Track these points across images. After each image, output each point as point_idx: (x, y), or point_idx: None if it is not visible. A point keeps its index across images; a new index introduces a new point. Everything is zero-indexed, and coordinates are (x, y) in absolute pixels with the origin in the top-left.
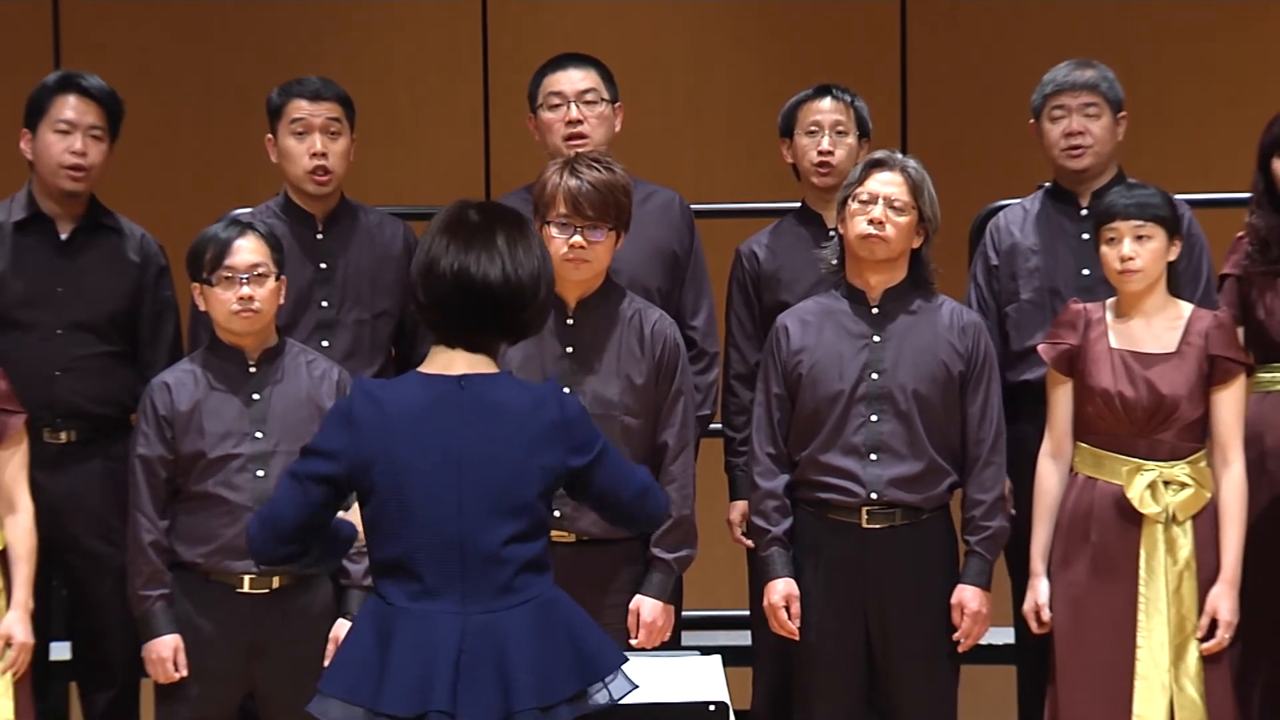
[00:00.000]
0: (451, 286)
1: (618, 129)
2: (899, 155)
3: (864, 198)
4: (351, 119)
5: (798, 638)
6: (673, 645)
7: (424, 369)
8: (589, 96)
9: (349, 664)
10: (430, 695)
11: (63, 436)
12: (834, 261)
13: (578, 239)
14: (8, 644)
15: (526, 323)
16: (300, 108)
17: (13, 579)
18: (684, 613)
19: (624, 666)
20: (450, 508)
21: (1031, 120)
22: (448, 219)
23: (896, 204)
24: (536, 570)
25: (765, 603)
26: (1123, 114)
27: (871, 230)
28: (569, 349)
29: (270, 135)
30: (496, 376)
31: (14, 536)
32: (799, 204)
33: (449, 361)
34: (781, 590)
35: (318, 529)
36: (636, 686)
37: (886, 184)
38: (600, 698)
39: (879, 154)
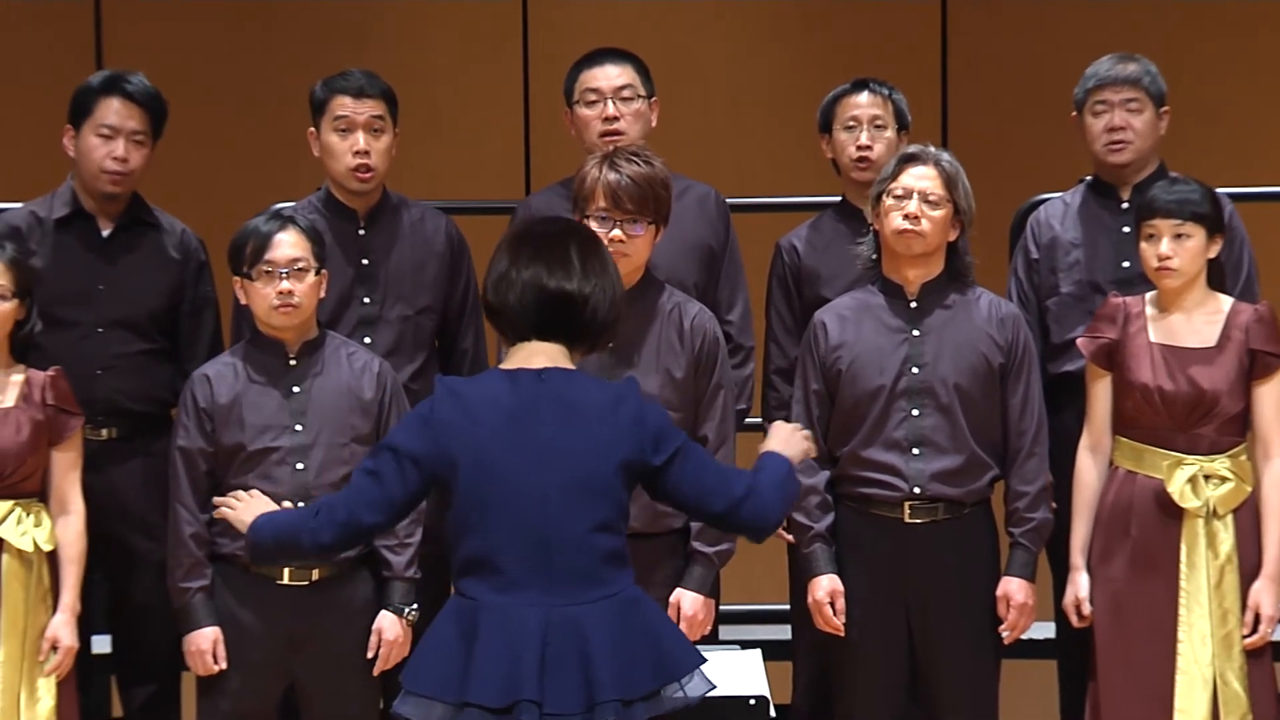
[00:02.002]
0: (522, 294)
1: (654, 124)
2: (932, 149)
3: (898, 193)
4: (395, 115)
5: (843, 634)
6: (711, 639)
7: (505, 365)
8: (625, 93)
9: (432, 661)
10: (519, 685)
11: (103, 434)
12: (872, 256)
13: (617, 233)
14: (54, 647)
15: (598, 333)
16: (344, 104)
17: (61, 581)
18: (724, 607)
19: (702, 667)
20: (533, 501)
21: (1074, 113)
22: (519, 231)
23: (931, 198)
24: (618, 564)
25: (809, 599)
26: (1165, 108)
27: (907, 225)
28: (608, 343)
29: (313, 129)
30: (574, 372)
31: (65, 538)
32: (839, 198)
33: (528, 356)
34: (826, 587)
35: (389, 528)
36: (714, 687)
37: (920, 178)
38: (676, 697)
39: (912, 148)
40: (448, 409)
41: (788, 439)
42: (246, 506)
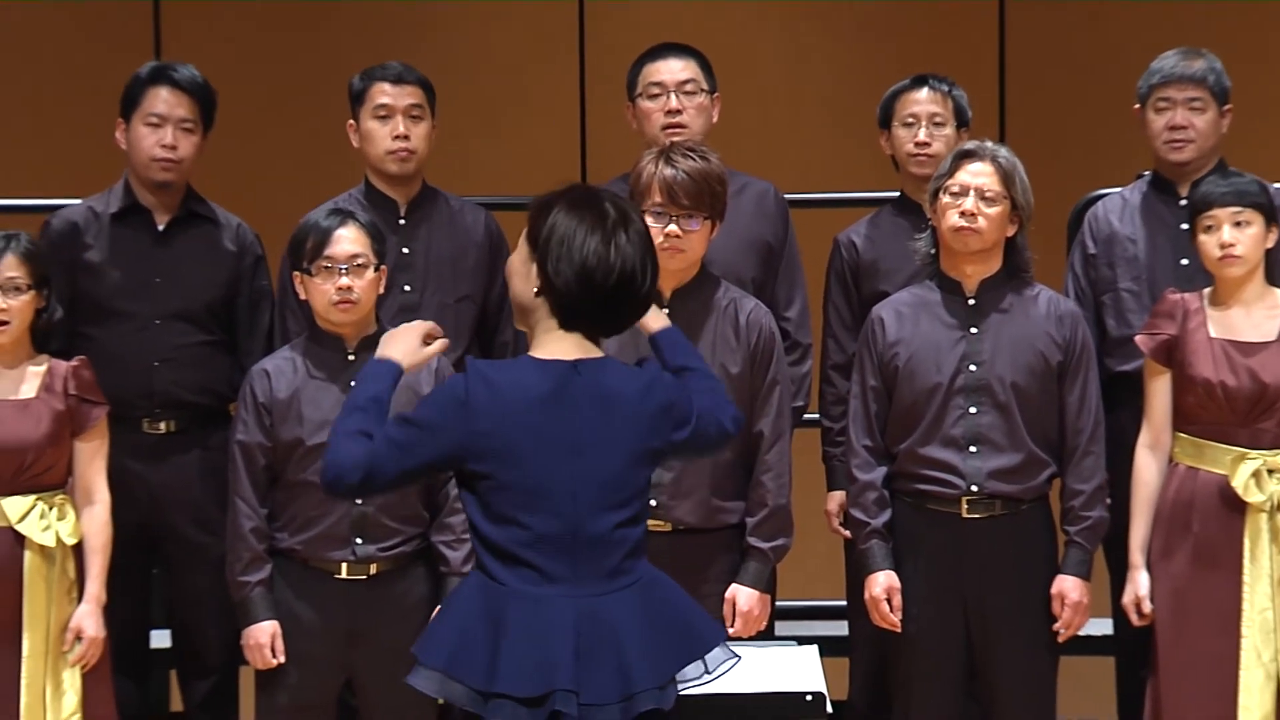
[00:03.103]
0: (616, 282)
1: (715, 119)
2: (989, 144)
3: (955, 190)
4: (432, 104)
5: (899, 630)
6: (768, 635)
7: (537, 354)
8: (688, 87)
9: (455, 640)
10: (553, 675)
11: (161, 426)
12: (930, 252)
13: (673, 228)
14: (78, 638)
15: (641, 316)
16: (384, 91)
17: (87, 572)
18: (780, 603)
19: (725, 642)
20: (566, 493)
21: (1136, 106)
22: (591, 212)
23: (988, 194)
24: (639, 553)
25: (866, 595)
26: (1228, 107)
27: (964, 223)
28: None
29: (352, 121)
30: (606, 361)
31: (90, 529)
32: (897, 193)
33: (563, 347)
34: (882, 583)
35: (387, 493)
36: (738, 659)
37: (977, 175)
38: (694, 671)
39: (969, 144)
40: (481, 396)
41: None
42: (402, 335)
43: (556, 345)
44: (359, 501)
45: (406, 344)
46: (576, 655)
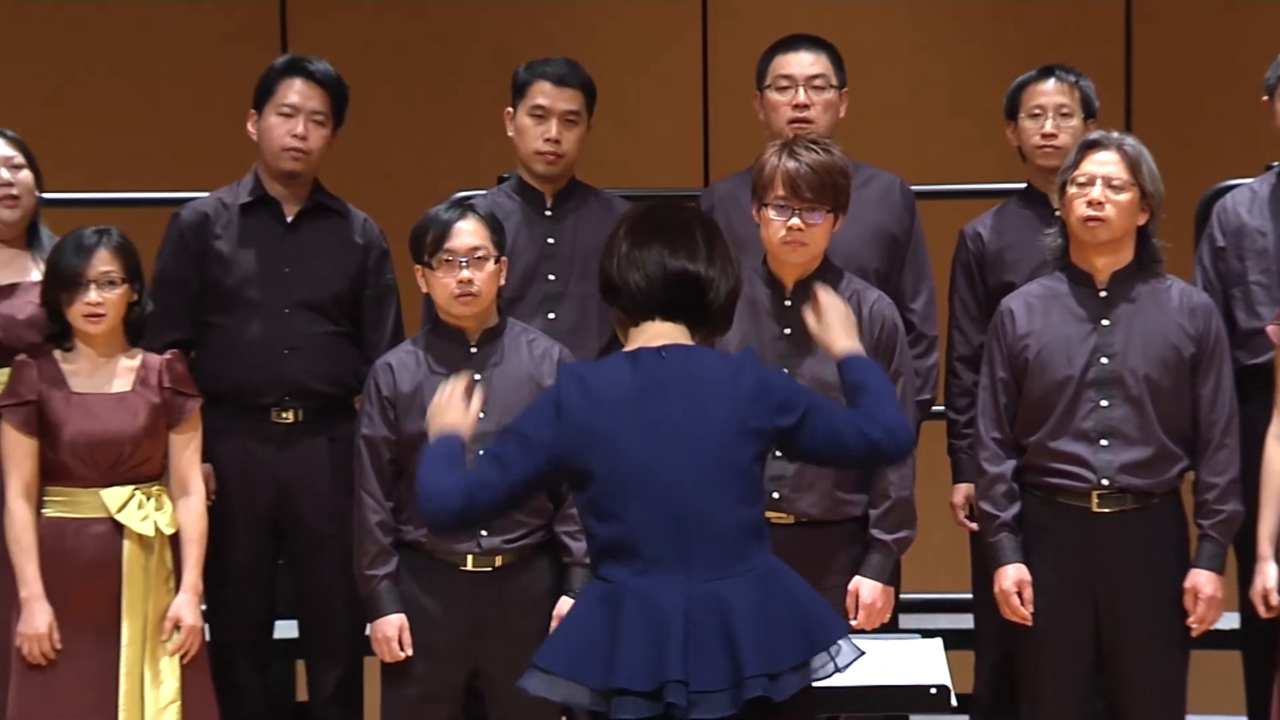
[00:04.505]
0: (647, 273)
1: (843, 115)
2: (1115, 133)
3: (1082, 180)
4: (591, 107)
5: (1030, 623)
6: (891, 628)
7: (627, 347)
8: (817, 82)
9: (573, 643)
10: (664, 667)
11: (289, 416)
12: (1060, 244)
13: (795, 221)
14: (176, 627)
15: (716, 319)
16: (543, 91)
17: (184, 562)
18: (904, 596)
19: (849, 635)
20: (666, 481)
21: (1264, 97)
22: (641, 214)
23: (1115, 183)
24: (755, 536)
25: (996, 588)
26: None
27: (1092, 213)
28: (786, 330)
29: (510, 109)
30: (693, 348)
31: (186, 520)
32: (1023, 185)
33: (650, 338)
34: (1012, 576)
35: (505, 511)
36: (863, 654)
37: (1104, 164)
38: (826, 667)
39: (1094, 134)
40: (575, 396)
41: (842, 319)
42: (448, 407)
43: (641, 336)
44: None
45: (454, 412)
46: (686, 642)
